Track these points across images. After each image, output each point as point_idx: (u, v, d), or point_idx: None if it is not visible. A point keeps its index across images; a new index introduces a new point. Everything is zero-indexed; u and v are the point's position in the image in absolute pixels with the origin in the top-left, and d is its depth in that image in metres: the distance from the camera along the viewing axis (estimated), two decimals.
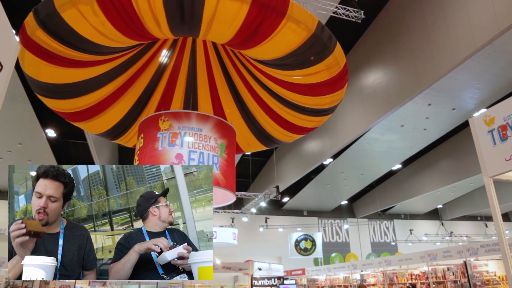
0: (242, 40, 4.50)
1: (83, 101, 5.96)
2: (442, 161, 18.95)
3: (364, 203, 25.95)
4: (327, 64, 4.76)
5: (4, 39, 1.96)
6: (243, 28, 4.19)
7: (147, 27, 4.30)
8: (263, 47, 4.55)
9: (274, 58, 4.79)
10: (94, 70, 5.54)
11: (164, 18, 4.12)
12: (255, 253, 21.74)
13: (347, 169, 19.34)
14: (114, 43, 4.69)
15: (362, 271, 14.63)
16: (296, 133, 6.81)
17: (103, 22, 4.12)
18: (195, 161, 4.90)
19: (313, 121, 6.29)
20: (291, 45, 4.45)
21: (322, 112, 5.96)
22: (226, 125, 5.69)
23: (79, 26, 4.22)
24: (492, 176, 3.29)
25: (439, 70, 8.77)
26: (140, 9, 3.97)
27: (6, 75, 2.00)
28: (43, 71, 5.06)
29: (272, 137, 7.01)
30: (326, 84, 5.12)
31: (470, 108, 12.93)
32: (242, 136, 7.15)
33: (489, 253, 9.45)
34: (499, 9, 7.19)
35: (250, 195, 17.91)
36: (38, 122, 12.52)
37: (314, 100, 5.58)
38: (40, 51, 4.68)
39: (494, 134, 3.29)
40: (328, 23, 9.37)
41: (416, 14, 9.50)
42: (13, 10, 8.24)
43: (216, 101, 6.96)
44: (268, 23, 4.12)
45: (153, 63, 6.45)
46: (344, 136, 13.27)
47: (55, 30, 4.30)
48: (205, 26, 4.26)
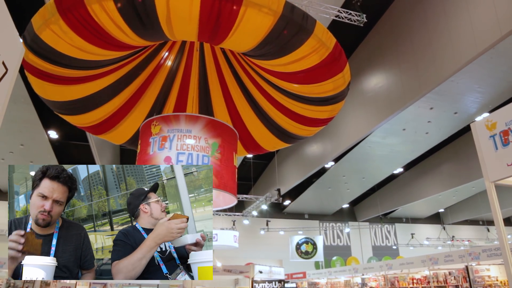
0: (209, 34, 4.39)
1: (97, 114, 6.12)
2: (443, 165, 18.90)
3: (365, 206, 25.89)
4: (312, 47, 4.49)
5: (9, 42, 1.96)
6: (202, 22, 4.09)
7: (115, 36, 4.34)
8: (232, 38, 4.40)
9: (251, 48, 4.60)
10: (97, 83, 5.68)
11: (125, 25, 4.15)
12: (256, 256, 21.70)
13: (348, 172, 19.32)
14: (97, 57, 4.78)
15: (363, 275, 14.58)
16: (311, 126, 6.48)
17: (72, 38, 4.24)
18: (183, 162, 4.88)
19: (323, 111, 5.95)
20: (260, 32, 4.23)
21: (329, 100, 5.64)
22: (219, 124, 5.53)
23: (58, 45, 4.38)
24: (494, 181, 3.28)
25: (441, 74, 8.76)
26: (101, 20, 4.04)
27: (11, 78, 2.01)
28: (49, 91, 5.27)
29: (289, 133, 6.76)
30: (320, 69, 4.85)
31: (472, 112, 12.91)
32: (261, 135, 6.99)
33: (491, 257, 9.41)
34: (501, 13, 7.19)
35: (252, 198, 17.90)
36: (40, 123, 12.56)
37: (315, 88, 5.33)
38: (39, 73, 4.89)
39: (496, 139, 3.29)
40: (331, 26, 9.38)
41: (418, 18, 9.51)
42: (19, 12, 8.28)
43: (230, 103, 6.91)
44: (226, 13, 3.97)
45: (162, 70, 6.47)
46: (345, 139, 13.26)
47: (42, 52, 4.51)
48: (166, 26, 4.21)
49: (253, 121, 6.86)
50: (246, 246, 21.56)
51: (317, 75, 5.04)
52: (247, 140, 7.20)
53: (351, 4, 9.03)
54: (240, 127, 6.95)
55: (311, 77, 5.07)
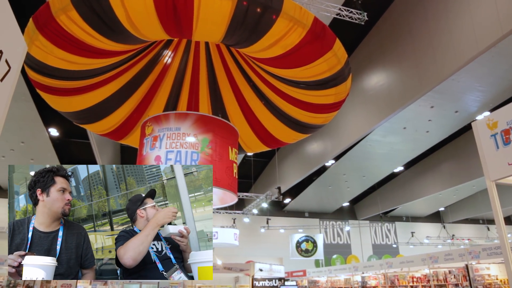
0: (175, 28, 4.35)
1: (111, 120, 6.30)
2: (444, 164, 18.90)
3: (365, 205, 25.91)
4: (286, 26, 4.28)
5: (12, 40, 1.96)
6: (161, 15, 4.05)
7: (91, 43, 4.41)
8: (199, 28, 4.31)
9: (222, 36, 4.49)
10: (101, 91, 5.82)
11: (93, 31, 4.20)
12: (256, 254, 21.74)
13: (349, 170, 19.32)
14: (85, 66, 4.91)
15: (363, 273, 14.60)
16: (319, 112, 6.22)
17: (53, 51, 4.37)
18: (172, 160, 4.89)
19: (327, 95, 5.67)
20: (223, 17, 4.10)
21: (328, 83, 5.37)
22: (210, 119, 5.47)
23: (46, 59, 4.52)
24: (494, 180, 3.28)
25: (442, 73, 8.75)
26: (72, 30, 4.15)
27: (14, 76, 2.00)
28: (58, 103, 5.51)
29: (302, 122, 6.56)
30: (304, 48, 4.60)
31: (473, 110, 12.89)
32: (276, 129, 6.89)
33: (491, 256, 9.40)
34: (502, 12, 7.17)
35: (252, 196, 17.91)
36: (41, 121, 12.56)
37: (308, 72, 5.08)
38: (43, 87, 5.09)
39: (497, 138, 3.28)
40: (332, 24, 9.36)
41: (419, 16, 9.48)
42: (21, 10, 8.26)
43: (241, 99, 6.85)
44: (181, 2, 3.90)
45: (170, 71, 6.50)
46: (346, 137, 13.26)
47: (37, 67, 4.66)
48: (129, 25, 4.20)
49: (265, 115, 6.74)
50: (246, 244, 21.59)
51: (305, 56, 4.79)
52: (264, 135, 7.07)
53: (352, 2, 9.01)
54: (255, 122, 6.86)
55: (299, 59, 4.85)
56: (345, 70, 5.22)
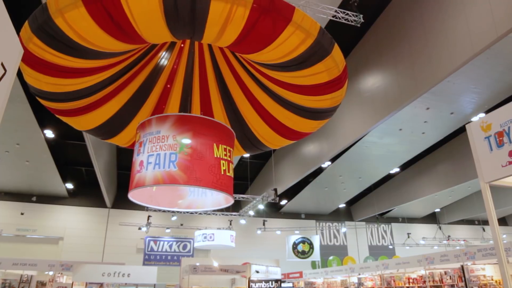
0: (122, 35, 4.49)
1: (130, 132, 6.55)
2: (440, 165, 18.98)
3: (362, 206, 25.96)
4: (223, 8, 4.12)
5: (8, 43, 1.96)
6: (103, 26, 4.22)
7: (65, 64, 4.69)
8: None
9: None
10: (112, 104, 6.12)
11: (54, 51, 4.49)
12: (252, 256, 21.70)
13: (345, 172, 19.36)
14: (75, 86, 5.28)
15: (360, 275, 14.63)
16: (317, 94, 5.76)
17: (38, 77, 4.81)
18: (152, 164, 4.88)
19: (313, 74, 5.21)
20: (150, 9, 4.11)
21: (306, 61, 4.95)
22: (189, 118, 5.38)
23: (40, 86, 4.91)
24: (488, 182, 3.31)
25: (437, 75, 8.80)
26: (41, 55, 4.47)
27: (10, 79, 2.00)
28: (77, 123, 6.09)
29: (307, 108, 6.16)
30: (257, 26, 4.35)
31: (468, 112, 12.97)
32: (288, 119, 6.66)
33: (486, 257, 9.46)
34: (497, 15, 7.23)
35: (248, 197, 17.90)
36: (36, 122, 12.50)
37: (276, 52, 4.75)
38: (55, 111, 5.65)
39: (491, 140, 3.32)
40: (328, 26, 9.39)
41: (415, 19, 9.54)
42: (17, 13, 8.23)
43: (251, 97, 6.74)
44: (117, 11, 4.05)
45: (178, 74, 6.53)
46: (342, 139, 13.29)
47: (40, 95, 5.18)
48: (79, 39, 4.38)
49: (277, 109, 6.52)
50: (242, 246, 21.57)
51: (262, 35, 4.52)
52: (282, 130, 6.83)
53: (348, 4, 9.05)
54: (267, 116, 6.69)
55: (258, 39, 4.62)
56: (321, 41, 4.66)
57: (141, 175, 4.89)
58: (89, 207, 21.40)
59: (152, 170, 4.80)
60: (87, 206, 21.38)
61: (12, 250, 19.22)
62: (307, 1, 8.30)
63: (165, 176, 4.71)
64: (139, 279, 13.02)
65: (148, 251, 20.17)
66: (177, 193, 6.11)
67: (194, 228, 20.87)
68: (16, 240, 19.78)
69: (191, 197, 6.09)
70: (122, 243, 21.13)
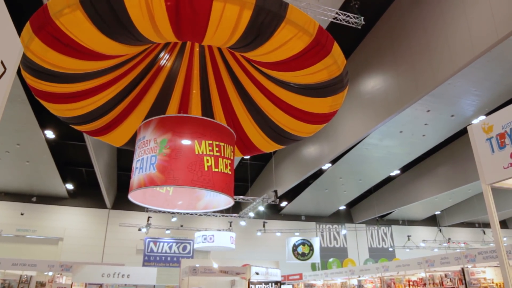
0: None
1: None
2: (440, 168, 18.97)
3: (362, 208, 25.93)
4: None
5: (8, 41, 1.95)
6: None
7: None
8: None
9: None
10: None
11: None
12: (252, 257, 21.67)
13: (345, 174, 19.34)
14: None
15: (360, 277, 14.59)
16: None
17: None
18: (138, 169, 5.01)
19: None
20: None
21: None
22: (168, 119, 5.38)
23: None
24: (490, 184, 3.30)
25: (438, 77, 8.80)
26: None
27: (9, 77, 2.00)
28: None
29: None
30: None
31: (468, 115, 12.96)
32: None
33: (487, 260, 9.42)
34: (498, 17, 7.23)
35: (249, 199, 17.89)
36: (37, 123, 12.51)
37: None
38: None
39: (492, 142, 3.30)
40: (329, 28, 9.40)
41: (416, 21, 9.54)
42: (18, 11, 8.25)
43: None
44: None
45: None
46: (342, 141, 13.28)
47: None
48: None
49: (284, 93, 6.37)
50: (242, 248, 21.53)
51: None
52: (298, 114, 6.61)
53: (349, 6, 9.06)
54: (283, 105, 6.56)
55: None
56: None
57: (132, 180, 5.06)
58: (89, 207, 21.38)
59: (138, 175, 4.92)
60: (87, 207, 21.37)
61: (11, 250, 19.20)
62: (308, 2, 8.31)
63: (146, 179, 4.80)
64: (138, 280, 13.01)
65: (148, 252, 20.14)
66: (195, 195, 6.13)
67: (194, 229, 20.86)
68: (15, 241, 19.76)
69: (207, 198, 6.11)
70: (122, 244, 21.11)
